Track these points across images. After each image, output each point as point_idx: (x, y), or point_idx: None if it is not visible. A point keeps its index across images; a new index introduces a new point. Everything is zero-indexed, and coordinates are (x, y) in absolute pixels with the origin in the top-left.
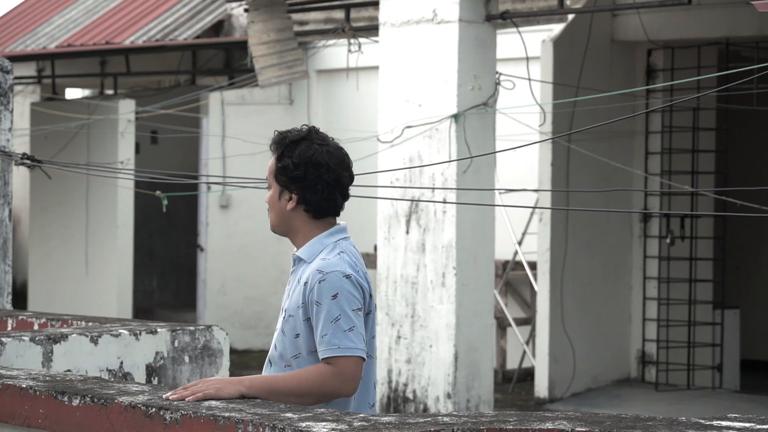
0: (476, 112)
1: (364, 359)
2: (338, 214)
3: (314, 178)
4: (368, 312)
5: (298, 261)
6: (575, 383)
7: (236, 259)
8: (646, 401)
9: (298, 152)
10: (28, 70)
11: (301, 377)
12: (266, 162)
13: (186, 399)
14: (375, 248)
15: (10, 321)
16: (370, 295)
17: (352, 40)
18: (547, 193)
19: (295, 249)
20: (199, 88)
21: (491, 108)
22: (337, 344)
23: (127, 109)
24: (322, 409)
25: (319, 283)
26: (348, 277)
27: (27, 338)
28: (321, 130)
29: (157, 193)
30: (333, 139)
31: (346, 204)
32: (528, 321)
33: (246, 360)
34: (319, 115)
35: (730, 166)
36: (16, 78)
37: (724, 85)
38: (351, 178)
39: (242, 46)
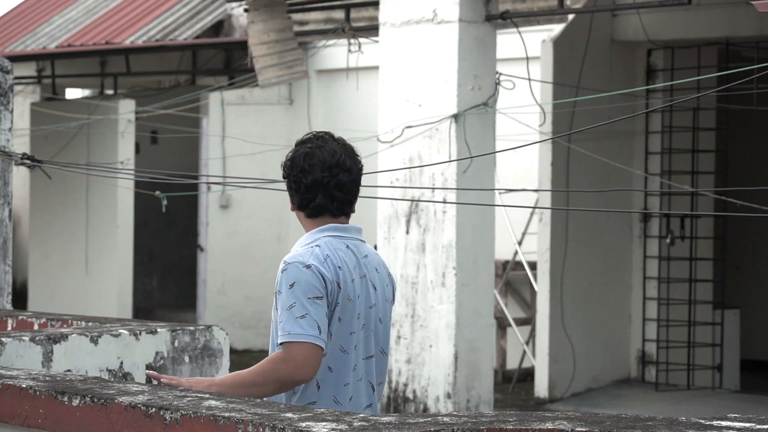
0: (476, 112)
1: (318, 347)
2: (338, 214)
3: (293, 180)
4: (338, 303)
5: None
6: (575, 383)
7: (236, 259)
8: (646, 401)
9: (286, 157)
10: (28, 70)
11: (260, 367)
12: (266, 162)
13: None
14: (375, 248)
15: (10, 321)
16: (338, 286)
17: (352, 40)
18: (547, 193)
19: None
20: (199, 88)
21: (491, 108)
22: (288, 330)
23: (127, 109)
24: (323, 409)
25: (281, 273)
26: (308, 267)
27: (27, 338)
28: (335, 134)
29: (157, 193)
30: (340, 142)
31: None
32: (528, 321)
33: (246, 360)
34: (319, 115)
35: (730, 166)
36: (16, 78)
37: (724, 85)
38: (336, 178)
39: (242, 46)
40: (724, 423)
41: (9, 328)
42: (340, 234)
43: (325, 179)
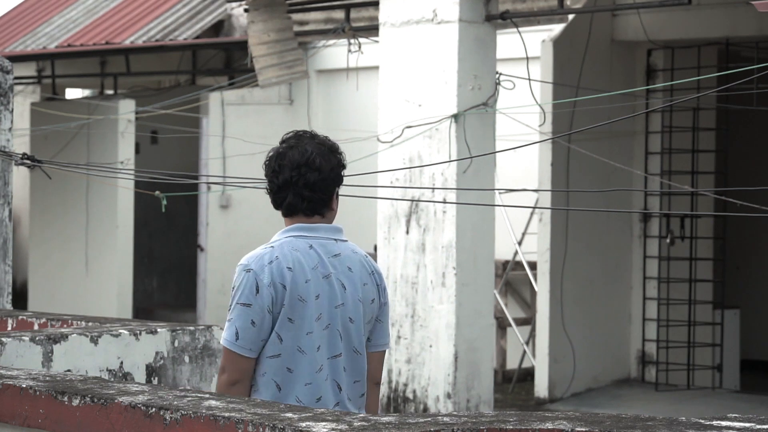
0: (476, 112)
1: (233, 351)
2: (310, 213)
3: (268, 180)
4: (284, 305)
5: None
6: (575, 383)
7: (236, 259)
8: (646, 401)
9: (265, 158)
10: (28, 70)
11: None
12: None
13: None
14: (375, 248)
15: (10, 321)
16: (284, 287)
17: (352, 40)
18: (547, 193)
19: None
20: (199, 88)
21: (491, 108)
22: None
23: (127, 109)
24: (323, 409)
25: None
26: (248, 271)
27: (27, 338)
28: (309, 132)
29: (157, 193)
30: (318, 140)
31: (347, 204)
32: (528, 321)
33: None
34: (319, 115)
35: (730, 166)
36: (16, 78)
37: (724, 85)
38: (304, 177)
39: (242, 46)
40: (724, 423)
41: (9, 328)
42: (305, 234)
43: (293, 178)
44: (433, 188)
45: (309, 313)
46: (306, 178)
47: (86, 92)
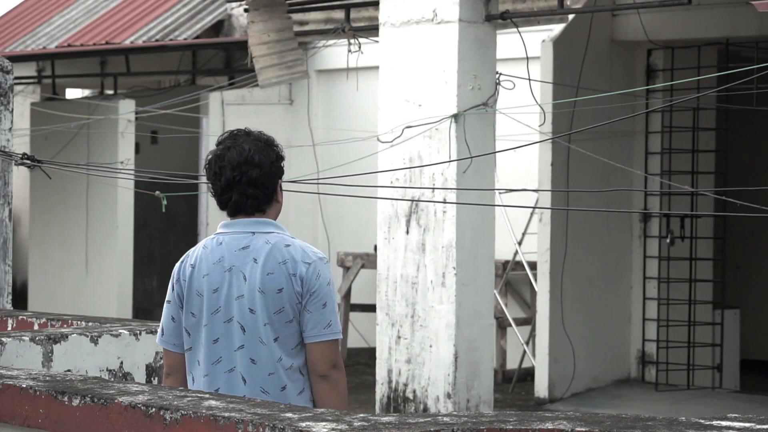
0: (476, 112)
1: (163, 346)
2: (252, 212)
3: (210, 183)
4: (185, 299)
5: None
6: (575, 383)
7: None
8: (646, 401)
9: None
10: (28, 70)
11: None
12: None
13: None
14: (375, 248)
15: (10, 321)
16: (186, 282)
17: (352, 40)
18: (547, 193)
19: None
20: (199, 88)
21: (491, 108)
22: None
23: (127, 109)
24: (323, 409)
25: None
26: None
27: (27, 338)
28: (244, 130)
29: (157, 193)
30: (254, 137)
31: (347, 203)
32: (528, 321)
33: None
34: (319, 115)
35: (730, 166)
36: (16, 78)
37: (724, 85)
38: (246, 175)
39: (242, 46)
40: (724, 423)
41: (9, 328)
42: (222, 230)
43: (236, 178)
44: (433, 188)
45: (205, 307)
46: (248, 175)
47: (86, 92)
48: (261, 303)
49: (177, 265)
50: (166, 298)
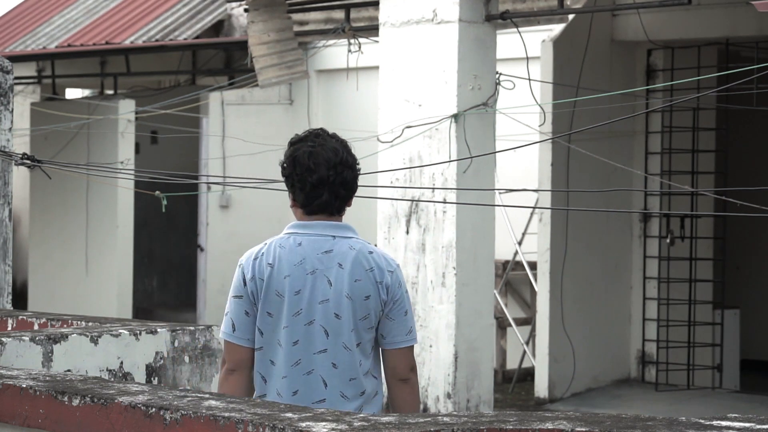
0: (476, 112)
1: (231, 342)
2: (335, 212)
3: (297, 179)
4: (261, 298)
5: None
6: (575, 383)
7: (236, 259)
8: (646, 401)
9: (285, 155)
10: (28, 70)
11: None
12: (266, 162)
13: None
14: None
15: (10, 321)
16: (263, 281)
17: (352, 40)
18: (547, 193)
19: None
20: (199, 88)
21: (491, 108)
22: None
23: (127, 109)
24: (322, 409)
25: None
26: (240, 266)
27: (27, 338)
28: (323, 130)
29: (157, 193)
30: (336, 138)
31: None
32: (528, 321)
33: None
34: (319, 115)
35: (730, 166)
36: (16, 78)
37: (724, 85)
38: (341, 176)
39: (242, 46)
40: (724, 423)
41: (9, 328)
42: (298, 231)
43: (331, 177)
44: (433, 188)
45: (285, 308)
46: (342, 176)
47: (86, 92)
48: (348, 308)
49: (247, 261)
50: (234, 293)
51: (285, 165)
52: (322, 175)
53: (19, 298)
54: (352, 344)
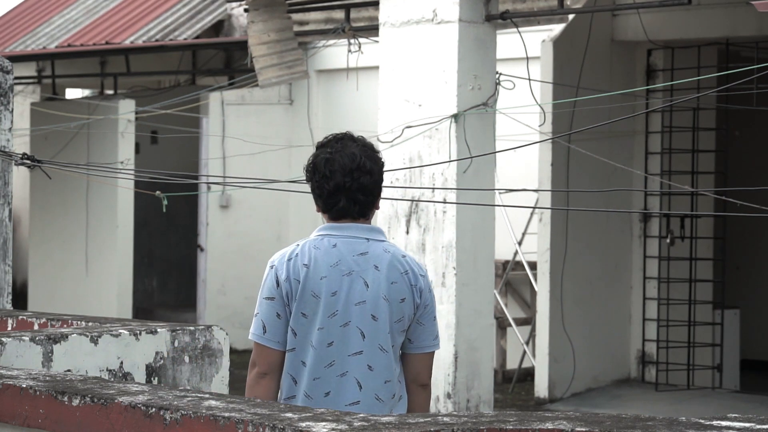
0: (476, 112)
1: (261, 345)
2: (358, 216)
3: (316, 185)
4: (296, 299)
5: None
6: (575, 383)
7: (236, 259)
8: (646, 401)
9: (308, 161)
10: (28, 70)
11: None
12: (266, 162)
13: None
14: None
15: (10, 321)
16: (298, 282)
17: (352, 40)
18: (547, 193)
19: None
20: (199, 88)
21: (491, 108)
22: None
23: (127, 109)
24: (323, 409)
25: None
26: (271, 267)
27: (27, 338)
28: (354, 134)
29: (157, 193)
30: (360, 143)
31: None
32: (528, 321)
33: (246, 360)
34: (319, 115)
35: (730, 166)
36: (16, 78)
37: (724, 85)
38: (357, 182)
39: (242, 46)
40: (724, 423)
41: (9, 328)
42: (332, 232)
43: (347, 184)
44: (433, 188)
45: (322, 309)
46: (359, 182)
47: (86, 92)
48: (385, 310)
49: (280, 262)
50: (266, 295)
51: (307, 172)
52: (338, 182)
53: (19, 298)
54: (388, 346)
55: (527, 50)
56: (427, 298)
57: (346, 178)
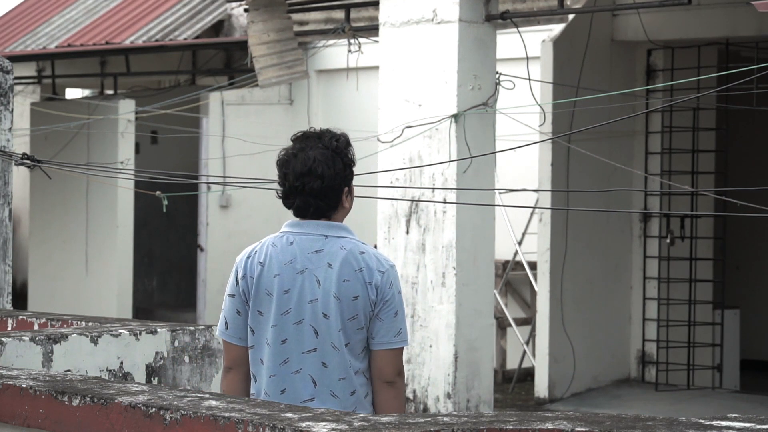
0: (476, 112)
1: (225, 341)
2: (318, 216)
3: (279, 183)
4: (252, 297)
5: None
6: (575, 383)
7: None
8: (646, 401)
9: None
10: (28, 70)
11: None
12: (265, 162)
13: None
14: (375, 248)
15: (10, 321)
16: (253, 280)
17: (352, 40)
18: (547, 193)
19: None
20: (199, 88)
21: (491, 108)
22: None
23: (127, 109)
24: (323, 409)
25: None
26: (235, 264)
27: (27, 338)
28: (317, 132)
29: (157, 193)
30: (325, 143)
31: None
32: (528, 321)
33: None
34: (319, 115)
35: (730, 166)
36: (16, 78)
37: (724, 85)
38: (309, 186)
39: (242, 46)
40: (724, 423)
41: (9, 328)
42: (291, 230)
43: (298, 187)
44: (433, 188)
45: (274, 307)
46: (310, 186)
47: (86, 92)
48: (336, 309)
49: (241, 259)
50: (228, 292)
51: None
52: (291, 184)
53: (19, 298)
54: (341, 344)
55: (527, 50)
56: (385, 294)
57: (297, 182)
